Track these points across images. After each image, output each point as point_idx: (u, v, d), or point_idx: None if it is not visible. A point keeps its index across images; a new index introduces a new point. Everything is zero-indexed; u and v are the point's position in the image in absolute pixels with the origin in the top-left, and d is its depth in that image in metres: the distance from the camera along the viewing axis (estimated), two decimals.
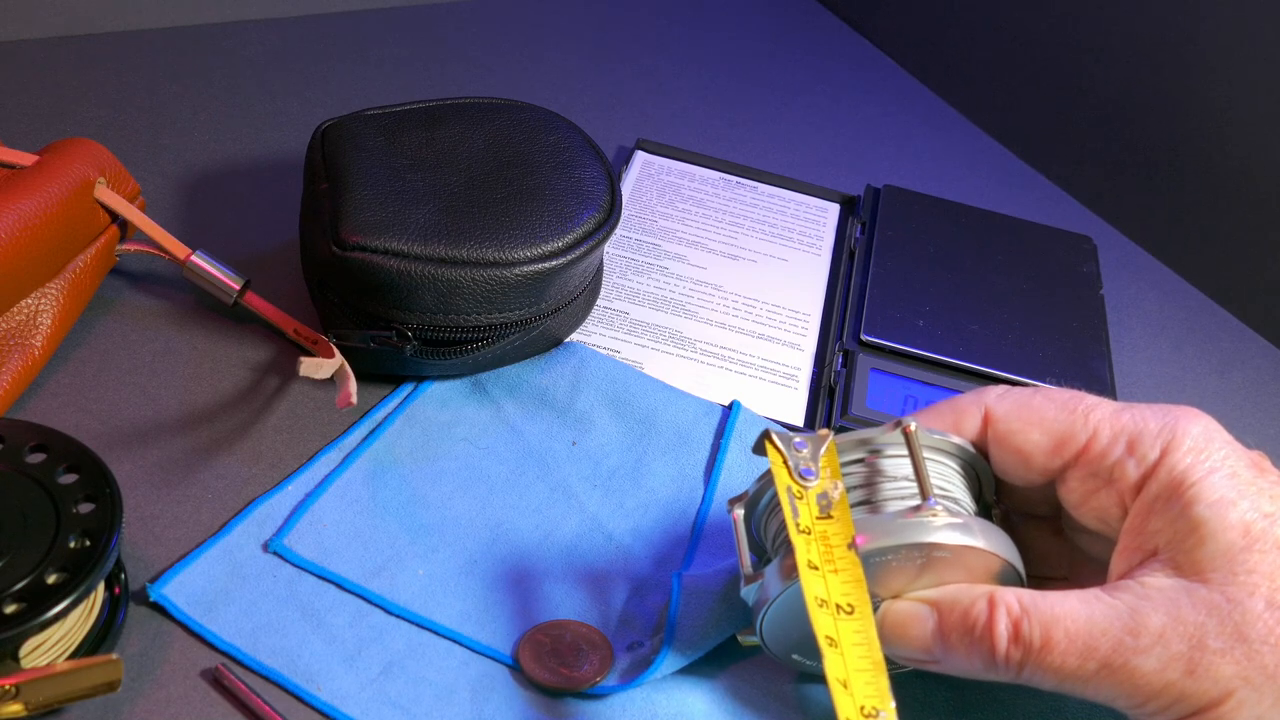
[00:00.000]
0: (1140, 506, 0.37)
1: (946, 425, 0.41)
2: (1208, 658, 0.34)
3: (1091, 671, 0.35)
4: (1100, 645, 0.35)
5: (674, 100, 0.77)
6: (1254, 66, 0.64)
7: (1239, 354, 0.64)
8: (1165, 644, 0.34)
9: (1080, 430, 0.39)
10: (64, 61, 0.70)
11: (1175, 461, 0.37)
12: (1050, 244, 0.64)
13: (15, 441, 0.41)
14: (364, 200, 0.50)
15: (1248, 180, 0.65)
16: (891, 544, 0.37)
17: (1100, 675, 0.35)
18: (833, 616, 0.36)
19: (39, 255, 0.49)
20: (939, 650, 0.38)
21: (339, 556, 0.45)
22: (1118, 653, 0.34)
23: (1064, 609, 0.36)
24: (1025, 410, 0.40)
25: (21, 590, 0.37)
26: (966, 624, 0.37)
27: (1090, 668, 0.35)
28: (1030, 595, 0.36)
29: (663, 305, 0.59)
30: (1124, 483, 0.38)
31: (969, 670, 0.37)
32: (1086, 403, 0.39)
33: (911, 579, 0.39)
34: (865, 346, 0.56)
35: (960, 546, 0.38)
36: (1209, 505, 0.36)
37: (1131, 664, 0.34)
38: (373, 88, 0.73)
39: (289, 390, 0.52)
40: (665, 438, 0.52)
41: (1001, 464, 0.41)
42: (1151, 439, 0.37)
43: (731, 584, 0.44)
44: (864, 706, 0.35)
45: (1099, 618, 0.35)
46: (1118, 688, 0.35)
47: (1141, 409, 0.39)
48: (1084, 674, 0.35)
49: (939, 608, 0.38)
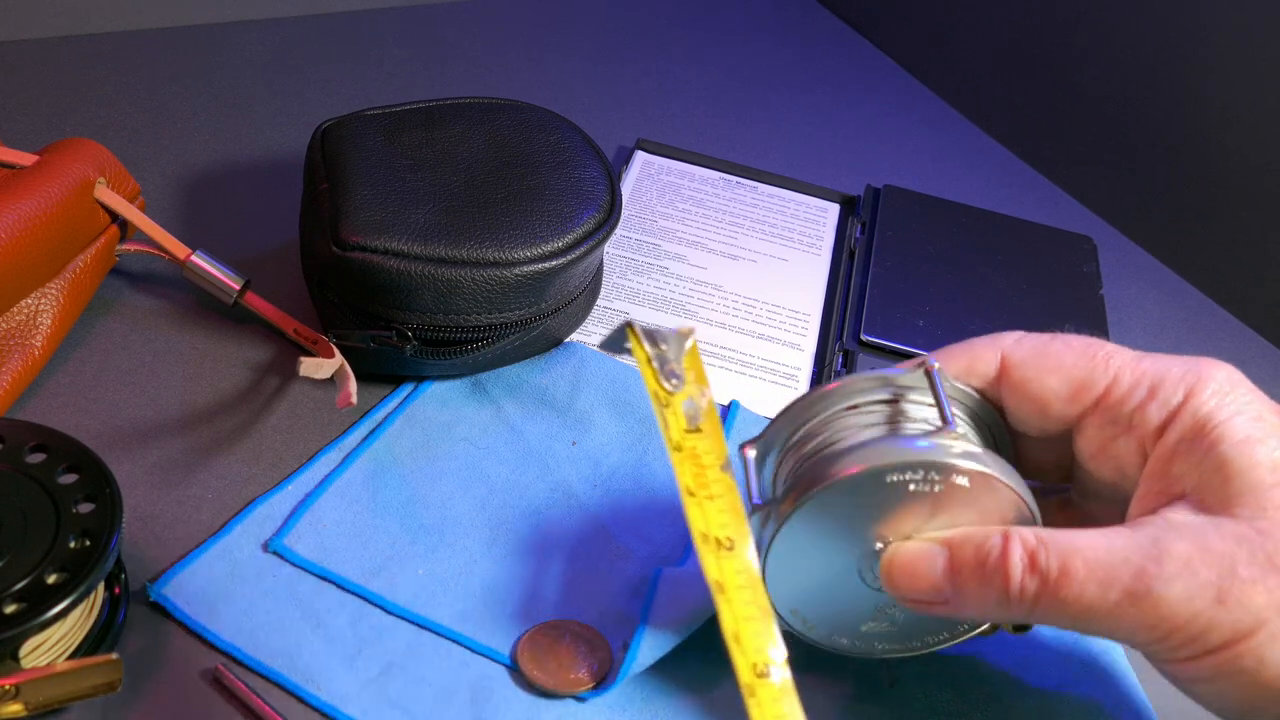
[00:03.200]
0: (1162, 451, 0.36)
1: (961, 367, 0.40)
2: (1239, 586, 0.32)
3: (1113, 602, 0.33)
4: (1122, 573, 0.33)
5: (674, 100, 0.77)
6: (1254, 66, 0.64)
7: (1239, 354, 0.64)
8: (1193, 571, 0.33)
9: (1100, 376, 0.38)
10: (64, 61, 0.70)
11: (1199, 404, 0.36)
12: (1050, 244, 0.64)
13: (15, 441, 0.41)
14: (364, 200, 0.50)
15: (1248, 180, 0.65)
16: (911, 460, 0.35)
17: (1122, 606, 0.33)
18: (715, 554, 0.32)
19: (39, 255, 0.49)
20: (950, 589, 0.36)
21: (339, 556, 0.45)
22: (1141, 580, 0.33)
23: (1084, 541, 0.34)
24: (1043, 357, 0.39)
25: (21, 590, 0.37)
26: (979, 558, 0.35)
27: (1112, 598, 0.33)
28: (1048, 530, 0.35)
29: (663, 305, 0.59)
30: (1145, 428, 0.37)
31: (982, 609, 0.36)
32: (1106, 349, 0.38)
33: (923, 520, 0.37)
34: (865, 346, 0.56)
35: (978, 473, 0.36)
36: (1235, 444, 0.35)
37: (1156, 592, 0.33)
38: (373, 88, 0.73)
39: (289, 390, 0.52)
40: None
41: (1017, 412, 0.39)
42: (1175, 383, 0.36)
43: None
44: (755, 664, 0.31)
45: (1120, 547, 0.34)
46: (1141, 618, 0.33)
47: (1162, 357, 0.38)
48: (1105, 605, 0.33)
49: (951, 545, 0.36)
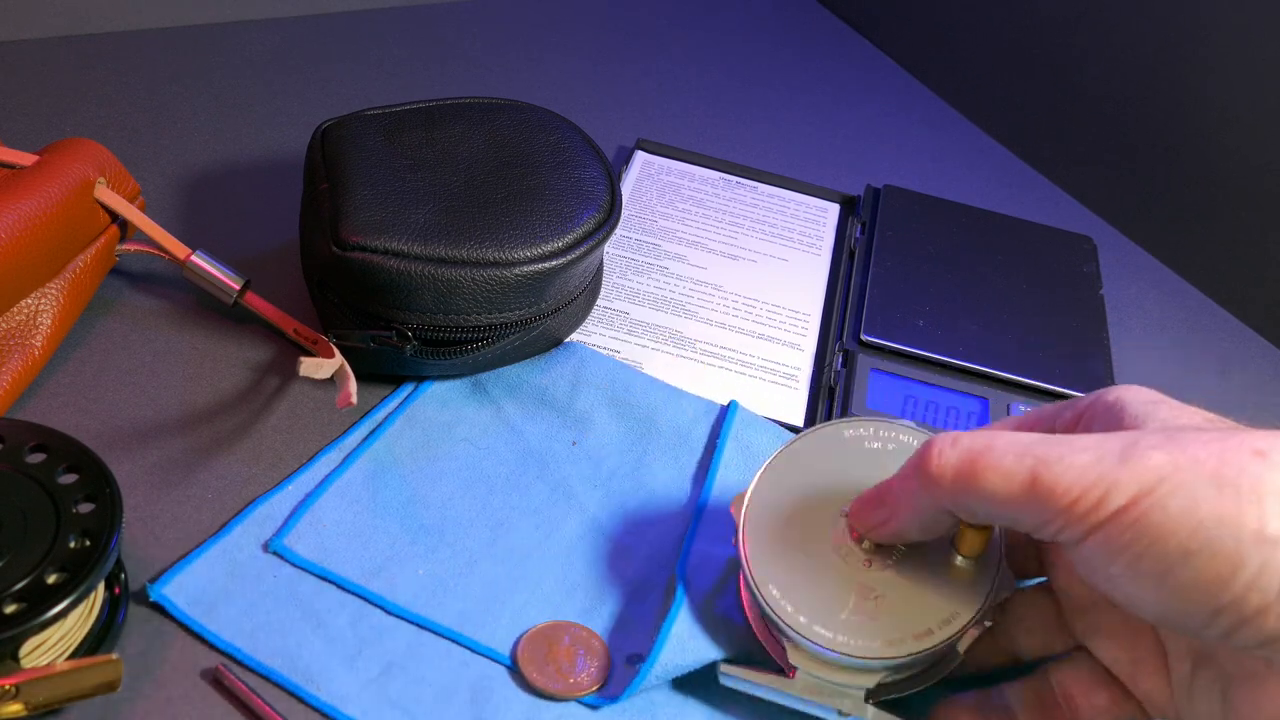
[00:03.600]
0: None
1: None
2: (1140, 449, 0.34)
3: (1028, 469, 0.35)
4: (1036, 447, 0.35)
5: (674, 100, 0.77)
6: (1254, 66, 0.64)
7: (1239, 354, 0.64)
8: (1100, 445, 0.35)
9: None
10: (64, 61, 0.70)
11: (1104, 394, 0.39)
12: (1050, 244, 0.64)
13: (15, 441, 0.41)
14: (364, 200, 0.50)
15: (1248, 180, 0.65)
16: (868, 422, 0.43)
17: (1035, 474, 0.35)
18: None
19: (39, 255, 0.49)
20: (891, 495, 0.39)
21: (339, 556, 0.45)
22: (1052, 449, 0.35)
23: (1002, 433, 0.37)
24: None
25: (21, 590, 0.37)
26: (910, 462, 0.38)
27: (1026, 464, 0.35)
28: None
29: (663, 305, 0.59)
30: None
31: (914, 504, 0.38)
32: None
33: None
34: (865, 346, 0.56)
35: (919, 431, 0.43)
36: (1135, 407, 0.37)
37: (1066, 459, 0.34)
38: (373, 88, 0.73)
39: (289, 390, 0.52)
40: (665, 438, 0.52)
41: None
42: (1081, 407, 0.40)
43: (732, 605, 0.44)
44: None
45: (1035, 435, 0.36)
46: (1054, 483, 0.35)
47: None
48: (1019, 474, 0.35)
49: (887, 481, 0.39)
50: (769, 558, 0.41)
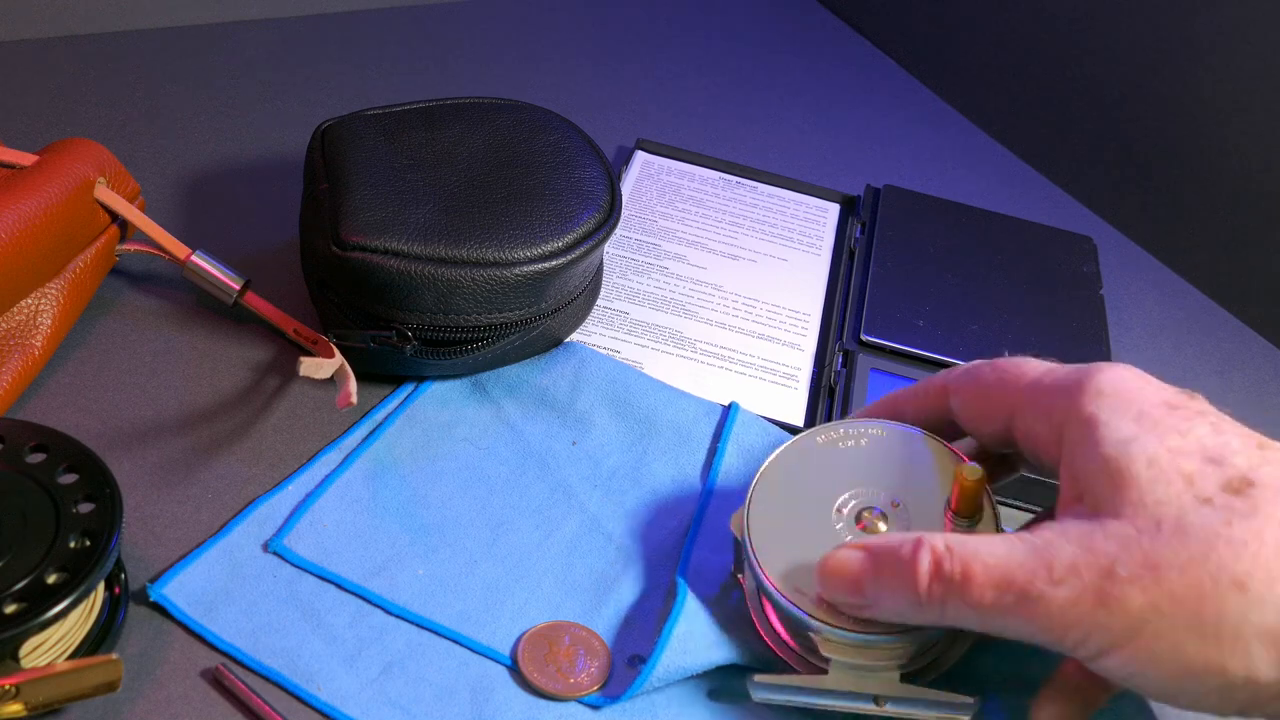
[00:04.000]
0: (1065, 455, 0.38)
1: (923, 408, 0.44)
2: (1118, 587, 0.34)
3: (1009, 604, 0.35)
4: (1017, 578, 0.35)
5: (674, 100, 0.77)
6: (1253, 66, 0.64)
7: (1239, 354, 0.64)
8: (1078, 575, 0.34)
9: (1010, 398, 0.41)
10: (64, 61, 0.70)
11: (1083, 404, 0.38)
12: (1050, 244, 0.64)
13: (15, 441, 0.41)
14: (364, 200, 0.50)
15: (1247, 180, 0.65)
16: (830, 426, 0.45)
17: (1017, 608, 0.35)
18: None
19: (39, 255, 0.49)
20: (870, 590, 0.38)
21: (339, 556, 0.45)
22: (1033, 585, 0.35)
23: (986, 547, 0.36)
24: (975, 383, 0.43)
25: (21, 590, 0.37)
26: (893, 559, 0.38)
27: (1008, 601, 0.35)
28: (958, 537, 0.37)
29: (663, 305, 0.59)
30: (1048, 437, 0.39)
31: (899, 610, 0.38)
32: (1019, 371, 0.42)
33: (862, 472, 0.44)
34: (865, 346, 0.56)
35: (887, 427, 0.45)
36: (1114, 444, 0.36)
37: (1046, 595, 0.35)
38: (373, 88, 0.73)
39: (289, 390, 0.52)
40: (665, 438, 0.52)
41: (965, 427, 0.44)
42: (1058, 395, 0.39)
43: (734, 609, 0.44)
44: None
45: (1017, 554, 0.36)
46: (1035, 621, 0.35)
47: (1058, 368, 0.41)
48: (1001, 607, 0.35)
49: (870, 548, 0.39)
50: (784, 564, 0.42)
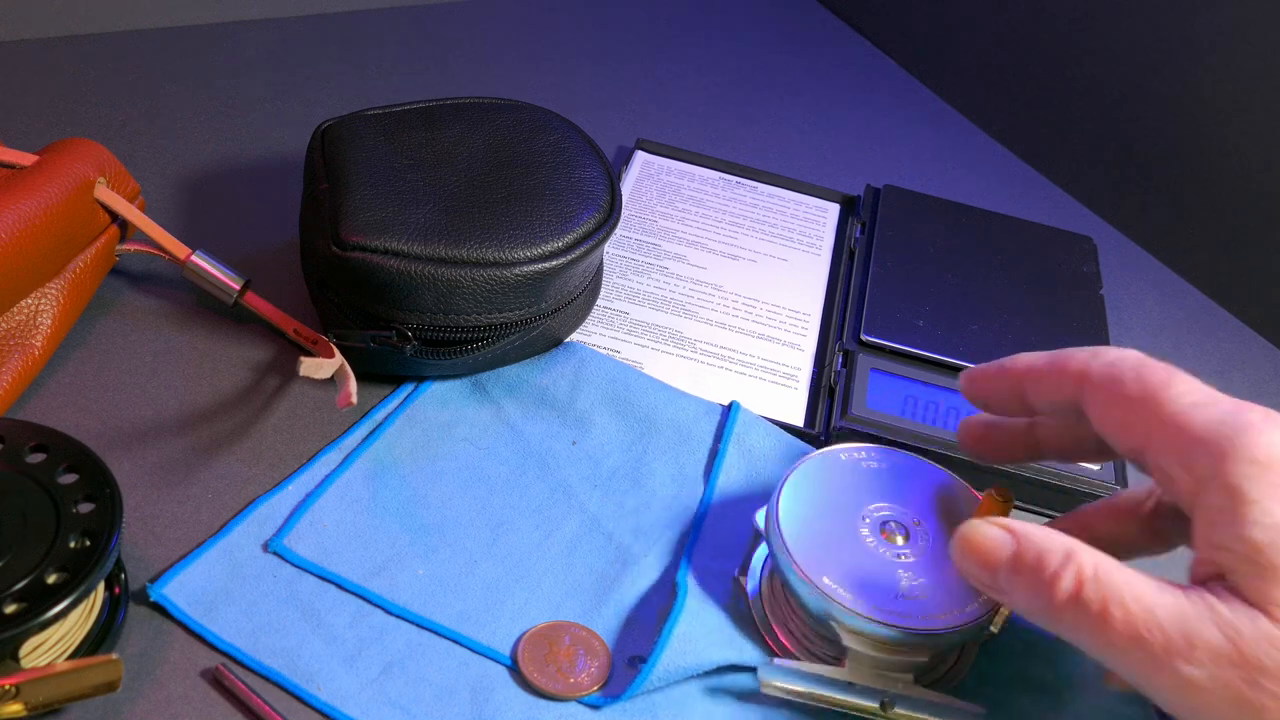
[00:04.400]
0: (1203, 515, 0.35)
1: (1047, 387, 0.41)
2: (1259, 697, 0.33)
3: (1136, 661, 0.34)
4: (1154, 639, 0.34)
5: (674, 100, 0.77)
6: (1253, 66, 0.64)
7: (1239, 354, 0.64)
8: (1218, 664, 0.33)
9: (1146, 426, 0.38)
10: (64, 61, 0.70)
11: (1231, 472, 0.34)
12: (1050, 244, 0.64)
13: (15, 441, 0.41)
14: (364, 200, 0.50)
15: (1247, 180, 0.65)
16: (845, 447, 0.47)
17: (1142, 665, 0.34)
18: None
19: (39, 255, 0.49)
20: (1005, 579, 0.37)
21: (339, 556, 0.45)
22: (1167, 654, 0.33)
23: (1132, 589, 0.34)
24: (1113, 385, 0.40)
25: (21, 590, 0.37)
26: (1038, 564, 0.36)
27: (1136, 656, 0.34)
28: (1107, 564, 0.35)
29: (663, 305, 0.59)
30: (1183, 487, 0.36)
31: (1027, 609, 0.37)
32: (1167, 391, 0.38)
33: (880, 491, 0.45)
34: (865, 346, 0.56)
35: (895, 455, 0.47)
36: (1266, 529, 0.33)
37: (1179, 670, 0.33)
38: (373, 88, 0.73)
39: (289, 390, 0.52)
40: (665, 438, 0.52)
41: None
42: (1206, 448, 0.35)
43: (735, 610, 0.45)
44: None
45: (1162, 611, 0.34)
46: (1162, 687, 0.34)
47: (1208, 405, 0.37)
48: (1129, 659, 0.34)
49: (1019, 538, 0.37)
50: (812, 556, 0.42)
